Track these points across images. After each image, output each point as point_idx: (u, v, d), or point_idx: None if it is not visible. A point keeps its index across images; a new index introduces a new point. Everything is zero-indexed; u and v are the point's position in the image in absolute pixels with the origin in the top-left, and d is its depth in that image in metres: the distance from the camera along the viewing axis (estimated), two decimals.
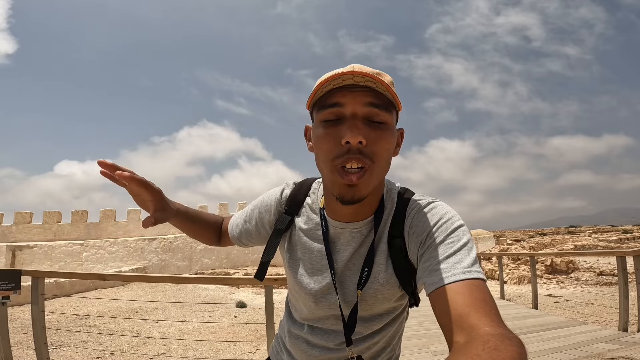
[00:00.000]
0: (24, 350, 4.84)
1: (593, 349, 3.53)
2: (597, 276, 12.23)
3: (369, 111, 0.71)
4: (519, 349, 0.49)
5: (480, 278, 0.64)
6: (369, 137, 0.70)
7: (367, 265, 0.80)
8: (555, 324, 4.98)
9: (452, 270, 0.65)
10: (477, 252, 5.71)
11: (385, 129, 0.72)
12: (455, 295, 0.62)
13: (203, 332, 6.50)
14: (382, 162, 0.73)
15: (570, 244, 20.05)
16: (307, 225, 0.88)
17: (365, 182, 0.71)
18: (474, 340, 0.53)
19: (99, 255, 17.03)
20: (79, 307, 8.95)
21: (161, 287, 12.06)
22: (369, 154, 0.70)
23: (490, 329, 0.54)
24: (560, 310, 7.39)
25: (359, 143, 0.69)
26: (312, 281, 0.86)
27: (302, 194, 0.92)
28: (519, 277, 12.47)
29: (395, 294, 0.82)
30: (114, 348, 5.31)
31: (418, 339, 4.39)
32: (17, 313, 7.27)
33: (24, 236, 18.97)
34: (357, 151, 0.69)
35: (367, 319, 0.85)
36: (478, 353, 0.48)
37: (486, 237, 34.35)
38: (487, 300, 0.61)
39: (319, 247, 0.86)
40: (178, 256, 17.76)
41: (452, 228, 0.73)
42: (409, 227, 0.79)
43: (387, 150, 0.73)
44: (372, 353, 0.88)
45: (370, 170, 0.71)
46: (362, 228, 0.82)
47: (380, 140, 0.71)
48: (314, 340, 0.88)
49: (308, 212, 0.89)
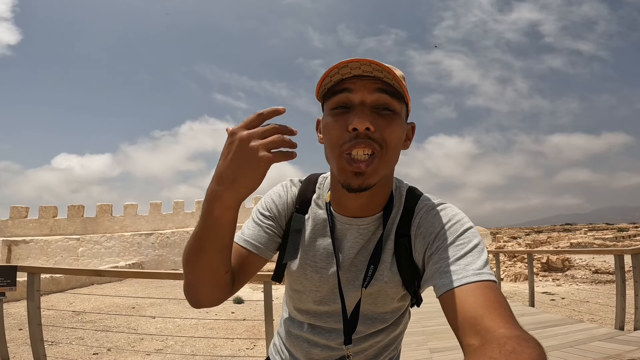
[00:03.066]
0: (20, 347, 4.82)
1: (590, 347, 3.55)
2: (592, 274, 12.32)
3: (377, 98, 0.69)
4: (537, 350, 0.47)
5: (492, 280, 0.64)
6: (377, 124, 0.68)
7: (372, 262, 0.79)
8: (552, 322, 5.00)
9: (463, 272, 0.64)
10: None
11: (395, 117, 0.71)
12: (467, 297, 0.61)
13: (200, 329, 6.50)
14: (391, 148, 0.71)
15: (566, 242, 20.18)
16: (313, 221, 0.86)
17: (374, 169, 0.69)
18: (489, 342, 0.51)
19: (95, 250, 16.97)
20: (75, 303, 8.92)
21: (158, 282, 12.04)
22: (378, 139, 0.69)
23: (506, 331, 0.53)
24: (556, 308, 7.43)
25: (367, 129, 0.67)
26: (317, 278, 0.84)
27: (310, 190, 0.89)
28: (515, 275, 12.54)
29: (398, 292, 0.81)
30: (110, 344, 5.30)
31: (417, 335, 4.40)
32: (13, 309, 7.24)
33: (19, 231, 18.87)
34: (365, 136, 0.67)
35: (371, 317, 0.84)
36: (494, 356, 0.46)
37: (483, 234, 34.52)
38: (501, 301, 0.60)
39: (325, 244, 0.84)
40: (175, 251, 17.73)
41: (462, 229, 0.72)
42: (417, 226, 0.78)
43: (397, 137, 0.71)
44: (375, 351, 0.87)
45: (380, 156, 0.69)
46: (369, 224, 0.81)
47: (389, 127, 0.70)
48: (315, 339, 0.87)
49: (314, 207, 0.87)
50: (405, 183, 0.87)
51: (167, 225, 20.47)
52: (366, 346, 0.85)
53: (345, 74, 0.69)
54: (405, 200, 0.82)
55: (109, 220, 20.37)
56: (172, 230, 18.71)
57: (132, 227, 20.18)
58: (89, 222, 20.10)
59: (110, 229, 19.89)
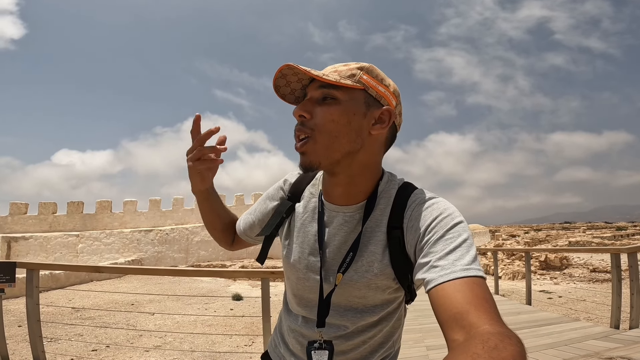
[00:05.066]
0: (19, 343, 4.84)
1: (585, 346, 3.57)
2: (590, 273, 12.36)
3: (321, 93, 0.79)
4: (518, 347, 0.49)
5: (480, 276, 0.65)
6: (314, 111, 0.79)
7: (352, 249, 0.81)
8: (548, 320, 5.03)
9: (451, 267, 0.65)
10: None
11: (332, 104, 0.79)
12: (455, 293, 0.62)
13: (199, 325, 6.53)
14: (325, 130, 0.78)
15: (564, 240, 20.22)
16: (305, 209, 0.92)
17: (310, 149, 0.78)
18: (473, 338, 0.52)
19: (95, 246, 16.99)
20: (75, 299, 8.95)
21: (157, 279, 12.07)
22: (310, 125, 0.79)
23: (490, 327, 0.54)
24: (553, 306, 7.47)
25: (301, 117, 0.79)
26: (303, 262, 0.88)
27: (306, 182, 0.96)
28: (514, 273, 12.58)
29: (389, 285, 0.82)
30: (109, 341, 5.32)
31: (413, 333, 4.43)
32: (12, 306, 7.26)
33: (19, 227, 18.89)
34: (300, 124, 0.80)
35: (361, 311, 0.84)
36: (477, 352, 0.48)
37: (482, 232, 34.59)
38: (487, 298, 0.61)
39: (314, 230, 0.88)
40: (174, 248, 17.76)
41: (452, 224, 0.73)
42: (408, 219, 0.79)
43: (331, 120, 0.78)
44: (370, 347, 0.88)
45: (313, 138, 0.78)
46: (354, 212, 0.84)
47: (322, 112, 0.78)
48: (307, 333, 0.88)
49: (308, 196, 0.93)
50: (400, 178, 0.88)
51: (166, 222, 20.49)
52: (359, 342, 0.86)
53: (284, 84, 0.84)
54: (397, 192, 0.84)
55: (109, 216, 20.39)
56: (172, 226, 18.72)
57: (132, 224, 20.20)
58: (89, 219, 20.12)
59: (110, 226, 19.91)
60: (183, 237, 17.98)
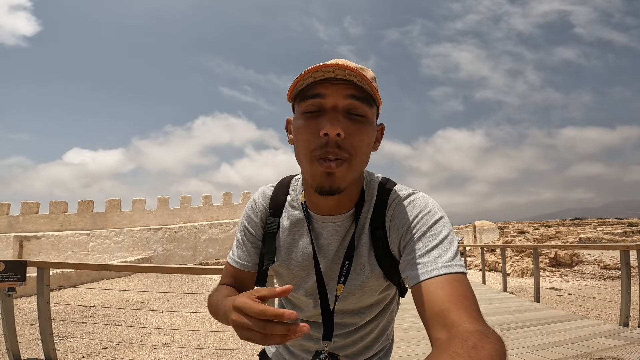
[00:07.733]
0: (32, 342, 4.93)
1: (593, 344, 3.54)
2: (600, 270, 12.19)
3: (349, 104, 0.71)
4: (497, 345, 0.50)
5: (461, 272, 0.66)
6: (348, 129, 0.70)
7: (347, 258, 0.81)
8: (556, 318, 4.98)
9: (433, 264, 0.67)
10: (481, 243, 5.67)
11: (365, 122, 0.73)
12: (436, 290, 0.63)
13: (207, 323, 6.59)
14: (360, 155, 0.73)
15: (575, 237, 19.96)
16: (290, 222, 0.88)
17: (342, 173, 0.71)
18: (453, 338, 0.54)
19: (105, 245, 17.22)
20: (86, 297, 9.09)
21: (166, 277, 12.20)
22: (347, 147, 0.71)
23: (469, 325, 0.55)
24: (562, 304, 7.39)
25: (337, 135, 0.69)
26: (300, 276, 0.87)
27: (283, 193, 0.92)
28: (522, 270, 12.46)
29: (381, 284, 0.83)
30: (119, 338, 5.41)
31: (418, 330, 4.42)
32: (25, 304, 7.40)
33: (31, 226, 19.21)
34: (335, 145, 0.70)
35: (358, 312, 0.86)
36: (457, 351, 0.49)
37: (490, 228, 34.24)
38: (468, 295, 0.62)
39: (304, 243, 0.86)
40: (183, 246, 17.92)
41: (433, 220, 0.73)
42: (390, 218, 0.80)
43: (367, 144, 0.74)
44: (368, 342, 0.89)
45: (349, 162, 0.72)
46: (344, 221, 0.83)
47: (359, 133, 0.72)
48: (310, 345, 0.90)
49: (289, 209, 0.89)
50: (377, 175, 0.88)
51: (174, 220, 20.65)
52: (356, 338, 0.88)
53: (318, 76, 0.71)
54: (377, 192, 0.84)
55: (118, 215, 20.62)
56: (180, 225, 18.86)
57: (141, 222, 20.40)
58: (99, 218, 20.37)
59: (120, 224, 20.13)
60: (191, 235, 18.12)
